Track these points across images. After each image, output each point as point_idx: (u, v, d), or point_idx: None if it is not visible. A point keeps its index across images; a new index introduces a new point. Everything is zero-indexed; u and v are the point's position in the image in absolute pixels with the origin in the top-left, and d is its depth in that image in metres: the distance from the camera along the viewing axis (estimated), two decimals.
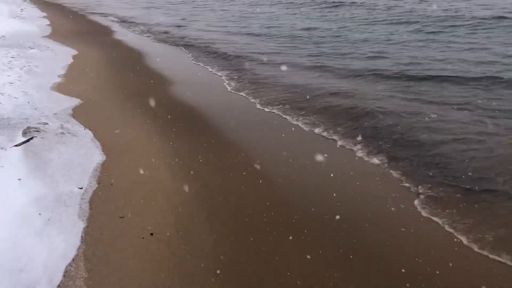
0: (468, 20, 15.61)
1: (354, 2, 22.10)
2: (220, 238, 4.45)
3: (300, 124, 7.55)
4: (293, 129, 7.39)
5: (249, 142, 6.89)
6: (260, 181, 5.62)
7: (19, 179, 5.19)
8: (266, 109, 8.40)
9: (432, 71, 10.11)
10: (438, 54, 11.68)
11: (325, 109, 8.07)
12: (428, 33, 14.48)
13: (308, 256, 4.17)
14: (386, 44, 13.33)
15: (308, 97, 8.83)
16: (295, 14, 21.41)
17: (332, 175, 5.73)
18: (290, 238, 4.45)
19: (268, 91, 9.46)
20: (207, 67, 11.92)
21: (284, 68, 11.26)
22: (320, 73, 10.76)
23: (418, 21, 16.28)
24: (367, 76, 10.12)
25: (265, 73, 10.90)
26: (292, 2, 24.66)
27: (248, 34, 16.43)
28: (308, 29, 16.68)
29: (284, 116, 7.93)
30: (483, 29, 14.28)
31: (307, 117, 7.76)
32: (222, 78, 10.78)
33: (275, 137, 7.07)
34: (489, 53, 11.38)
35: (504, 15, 15.88)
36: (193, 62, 12.55)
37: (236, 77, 10.66)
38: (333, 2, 22.62)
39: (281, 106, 8.41)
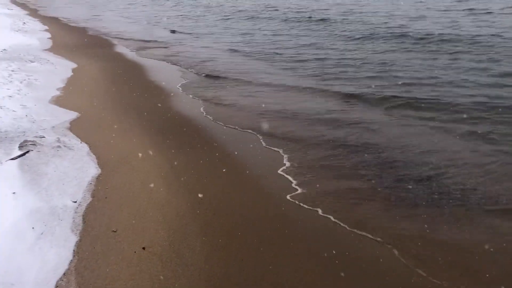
0: (465, 38, 15.63)
1: (345, 19, 22.29)
2: (213, 252, 4.47)
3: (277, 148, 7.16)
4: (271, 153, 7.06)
5: (240, 159, 6.92)
6: (254, 195, 5.66)
7: (14, 193, 5.23)
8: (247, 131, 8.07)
9: (433, 92, 9.84)
10: (439, 74, 11.42)
11: (304, 137, 7.66)
12: (430, 52, 14.30)
13: (302, 270, 4.19)
14: (389, 61, 13.09)
15: (292, 121, 8.49)
16: (293, 28, 21.61)
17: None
18: (284, 252, 4.47)
19: (249, 115, 8.99)
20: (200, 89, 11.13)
21: (277, 89, 11.01)
22: (314, 95, 10.32)
23: (419, 39, 16.18)
24: (363, 98, 9.78)
25: (258, 94, 10.53)
26: (289, 17, 24.84)
27: (248, 51, 16.24)
28: (309, 46, 16.58)
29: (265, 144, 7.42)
30: (484, 46, 14.21)
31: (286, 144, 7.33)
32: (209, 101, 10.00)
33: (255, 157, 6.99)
34: (491, 74, 11.16)
35: (501, 33, 15.93)
36: (185, 80, 12.34)
37: (232, 102, 9.88)
38: (330, 19, 22.77)
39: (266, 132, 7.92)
